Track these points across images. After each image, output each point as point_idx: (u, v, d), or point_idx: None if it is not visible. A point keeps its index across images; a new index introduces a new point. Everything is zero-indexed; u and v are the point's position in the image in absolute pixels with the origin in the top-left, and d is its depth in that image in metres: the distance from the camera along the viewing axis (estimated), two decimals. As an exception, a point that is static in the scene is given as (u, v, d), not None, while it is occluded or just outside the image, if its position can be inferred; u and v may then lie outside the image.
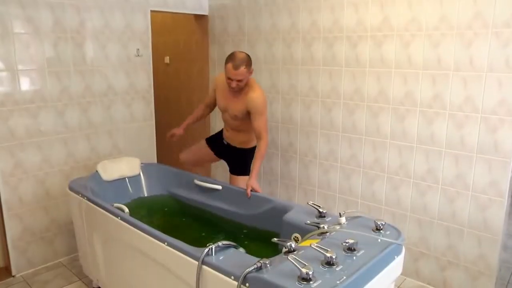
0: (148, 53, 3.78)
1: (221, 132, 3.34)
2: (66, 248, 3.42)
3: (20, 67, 2.99)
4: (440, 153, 2.83)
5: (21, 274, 3.19)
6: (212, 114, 3.73)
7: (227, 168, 3.30)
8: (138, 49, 3.68)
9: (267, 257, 1.71)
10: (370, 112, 3.14)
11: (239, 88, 2.90)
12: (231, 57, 2.85)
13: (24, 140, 3.07)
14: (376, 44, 3.03)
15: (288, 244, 1.80)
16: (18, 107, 3.01)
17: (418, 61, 2.84)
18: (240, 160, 3.18)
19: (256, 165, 2.87)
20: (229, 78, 2.85)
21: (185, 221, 2.90)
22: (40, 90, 3.11)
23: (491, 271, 2.74)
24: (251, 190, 2.74)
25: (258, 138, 2.91)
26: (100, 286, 2.86)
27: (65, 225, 3.38)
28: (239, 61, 2.80)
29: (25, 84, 3.03)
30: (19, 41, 2.97)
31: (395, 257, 1.88)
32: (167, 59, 5.09)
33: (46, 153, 3.19)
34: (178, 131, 3.36)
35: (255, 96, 2.90)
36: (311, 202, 2.28)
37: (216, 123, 4.39)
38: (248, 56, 2.91)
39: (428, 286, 3.03)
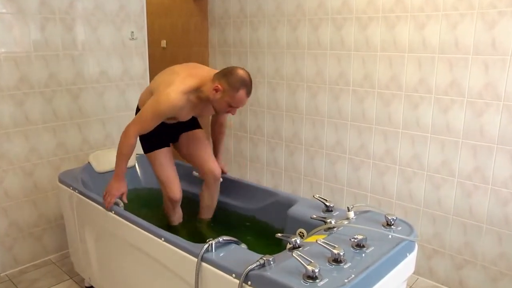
0: (143, 36, 3.77)
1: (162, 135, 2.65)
2: (56, 244, 3.44)
3: (2, 50, 2.98)
4: (457, 144, 2.82)
5: (6, 273, 3.21)
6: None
7: (227, 159, 3.26)
8: (133, 32, 3.67)
9: (271, 253, 1.71)
10: (381, 99, 3.13)
11: None
12: (241, 80, 2.23)
13: (10, 129, 3.07)
14: (388, 27, 3.02)
15: (293, 239, 1.80)
16: (2, 94, 3.01)
17: (434, 43, 2.83)
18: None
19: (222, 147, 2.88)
20: (235, 107, 2.31)
21: (183, 215, 2.91)
22: (26, 76, 3.10)
23: None
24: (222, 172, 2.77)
25: (222, 124, 2.86)
26: (93, 284, 2.88)
27: (55, 220, 3.40)
28: (251, 84, 2.29)
29: (9, 69, 3.02)
30: (1, 21, 2.95)
31: (407, 254, 1.88)
32: (163, 43, 5.08)
33: (33, 143, 3.20)
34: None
35: None
36: (317, 195, 2.28)
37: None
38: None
39: (442, 286, 3.04)
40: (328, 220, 2.04)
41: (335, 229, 1.98)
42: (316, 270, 1.53)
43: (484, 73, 2.66)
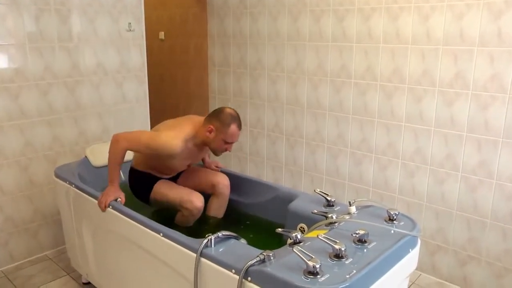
0: (141, 27, 3.76)
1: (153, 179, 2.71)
2: (52, 240, 3.45)
3: (-4, 42, 2.99)
4: (461, 137, 2.82)
5: (1, 269, 3.21)
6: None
7: (226, 152, 3.28)
8: (130, 23, 3.66)
9: (271, 249, 1.72)
10: (383, 92, 3.13)
11: None
12: (230, 117, 2.44)
13: (4, 122, 3.06)
14: (391, 18, 3.01)
15: (294, 235, 1.81)
16: (-3, 87, 3.02)
17: (438, 35, 2.82)
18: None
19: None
20: (231, 143, 2.49)
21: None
22: (20, 68, 3.09)
23: (516, 266, 2.76)
24: (217, 167, 2.95)
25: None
26: (90, 280, 2.89)
27: (51, 215, 3.41)
28: (239, 118, 2.50)
29: (2, 61, 3.01)
30: (-5, 12, 2.96)
31: (410, 250, 1.89)
32: (161, 35, 5.07)
33: (29, 137, 3.20)
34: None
35: None
36: (318, 189, 2.29)
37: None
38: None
39: (445, 282, 3.05)
40: (329, 215, 2.05)
41: (336, 224, 1.98)
42: (317, 266, 1.53)
43: (489, 65, 2.65)
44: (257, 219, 2.67)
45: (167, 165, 2.64)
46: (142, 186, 2.59)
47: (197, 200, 2.50)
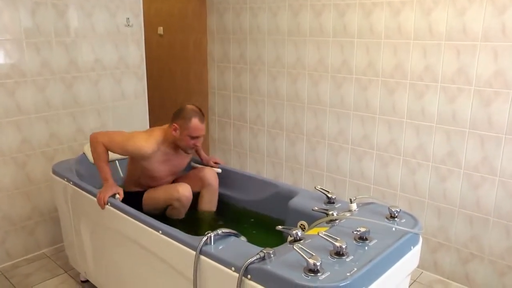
0: (139, 22, 3.75)
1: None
2: (50, 238, 3.45)
3: (-8, 37, 2.98)
4: (464, 134, 2.82)
5: (-1, 266, 3.24)
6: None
7: (226, 149, 3.29)
8: (128, 18, 3.66)
9: (271, 246, 1.72)
10: (385, 88, 3.12)
11: None
12: (190, 111, 2.56)
13: (1, 119, 3.06)
14: (393, 12, 3.00)
15: (294, 232, 1.81)
16: (-7, 83, 3.01)
17: (441, 30, 2.82)
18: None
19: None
20: (196, 137, 2.56)
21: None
22: (17, 64, 3.09)
23: (518, 264, 2.77)
24: (216, 163, 2.99)
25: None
26: (88, 278, 2.90)
27: (49, 212, 3.41)
28: (201, 112, 2.61)
29: (-1, 57, 3.03)
30: (-10, 7, 2.95)
31: (412, 247, 1.89)
32: (160, 30, 5.07)
33: (26, 133, 3.20)
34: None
35: None
36: (319, 186, 2.29)
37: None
38: None
39: (447, 280, 3.06)
40: (330, 212, 2.05)
41: (337, 221, 1.99)
42: (318, 264, 1.54)
43: (493, 60, 2.65)
44: (257, 216, 2.68)
45: (149, 174, 2.67)
46: (134, 204, 2.61)
47: (184, 189, 2.56)
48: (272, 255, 1.66)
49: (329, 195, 2.25)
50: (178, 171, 2.80)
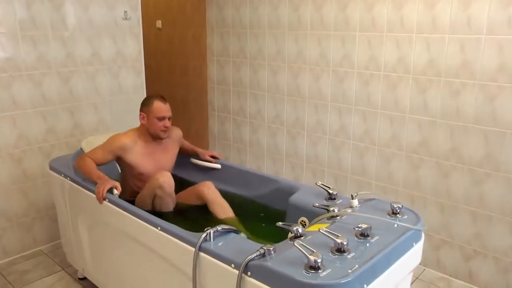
0: (137, 16, 3.75)
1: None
2: (47, 234, 3.46)
3: (-14, 30, 2.97)
4: (467, 129, 2.82)
5: (-4, 263, 3.24)
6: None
7: (226, 144, 3.29)
8: (126, 12, 3.65)
9: (271, 243, 1.73)
10: (387, 83, 3.12)
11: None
12: (152, 96, 2.76)
13: (-3, 114, 3.08)
14: (395, 5, 3.00)
15: (295, 228, 1.81)
16: (-12, 77, 3.01)
17: (444, 23, 2.81)
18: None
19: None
20: (162, 118, 2.68)
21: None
22: (12, 58, 3.09)
23: (523, 261, 2.77)
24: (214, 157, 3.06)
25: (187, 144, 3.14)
26: (86, 276, 2.90)
27: (46, 209, 3.41)
28: (163, 96, 2.76)
29: (-6, 51, 3.02)
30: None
31: (414, 244, 1.90)
32: (159, 23, 5.06)
33: (22, 128, 3.20)
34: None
35: (176, 128, 2.97)
36: (320, 182, 2.29)
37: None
38: None
39: (450, 278, 3.06)
40: (331, 209, 2.05)
41: (338, 217, 1.99)
42: (319, 260, 1.54)
43: (498, 54, 2.64)
44: (257, 213, 2.68)
45: (137, 172, 2.72)
46: None
47: (163, 175, 2.59)
48: (272, 252, 1.67)
49: (330, 191, 2.25)
50: (164, 167, 2.80)
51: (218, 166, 2.96)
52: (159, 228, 2.06)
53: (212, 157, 3.04)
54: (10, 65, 3.08)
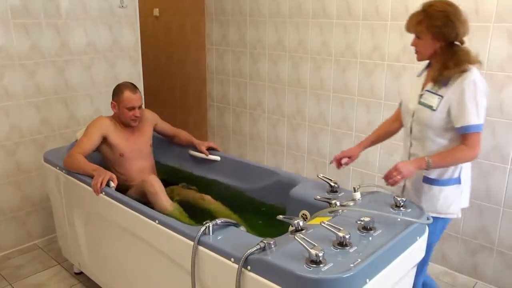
0: (134, 3, 3.73)
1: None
2: (42, 228, 3.47)
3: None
4: (491, 124, 2.81)
5: (-10, 258, 3.25)
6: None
7: (225, 136, 3.29)
8: (122, -1, 3.65)
9: (272, 236, 1.73)
10: (390, 72, 3.11)
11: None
12: (122, 86, 2.83)
13: (-10, 104, 3.08)
14: (400, -8, 2.99)
15: (296, 222, 1.81)
16: (-21, 66, 3.00)
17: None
18: None
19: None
20: (132, 108, 2.77)
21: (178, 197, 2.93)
22: (4, 46, 3.07)
23: (531, 256, 2.78)
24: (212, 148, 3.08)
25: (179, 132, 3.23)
26: (83, 270, 2.92)
27: (40, 202, 3.42)
28: (133, 85, 2.85)
29: (-16, 39, 3.01)
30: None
31: (418, 238, 1.90)
32: (156, 11, 5.04)
33: (15, 120, 3.20)
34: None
35: (148, 110, 3.10)
36: (322, 175, 2.29)
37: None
38: None
39: (455, 273, 3.07)
40: (333, 201, 2.05)
41: (340, 211, 1.99)
42: (320, 254, 1.54)
43: (507, 42, 2.63)
44: (257, 206, 2.68)
45: (118, 153, 2.81)
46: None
47: (150, 176, 2.70)
48: (272, 246, 1.67)
49: (332, 184, 2.25)
50: (143, 150, 2.91)
51: (217, 158, 2.96)
52: (157, 221, 2.06)
53: (210, 148, 3.04)
54: (1, 54, 3.07)
